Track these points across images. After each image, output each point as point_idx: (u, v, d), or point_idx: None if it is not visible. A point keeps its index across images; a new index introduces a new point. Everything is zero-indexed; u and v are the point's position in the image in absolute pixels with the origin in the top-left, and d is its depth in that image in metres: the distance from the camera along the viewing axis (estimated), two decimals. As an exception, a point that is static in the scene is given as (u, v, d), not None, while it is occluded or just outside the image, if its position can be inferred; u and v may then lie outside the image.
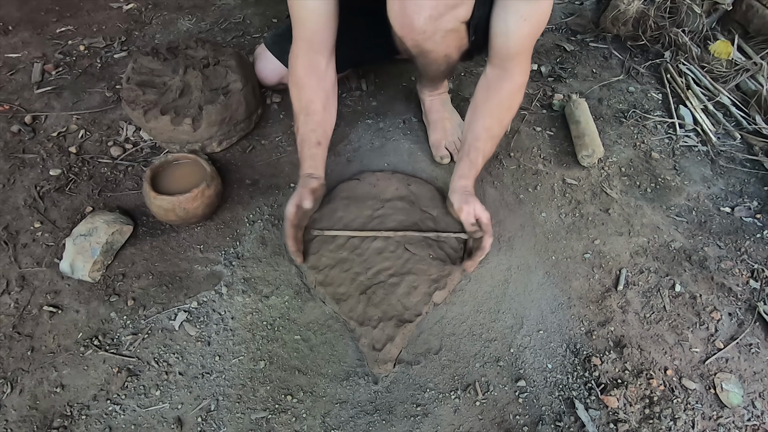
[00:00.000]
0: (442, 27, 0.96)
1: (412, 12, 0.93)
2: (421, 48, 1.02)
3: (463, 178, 1.08)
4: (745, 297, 1.11)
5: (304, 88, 1.05)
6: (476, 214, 1.05)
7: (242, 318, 1.03)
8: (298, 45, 1.04)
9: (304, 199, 1.03)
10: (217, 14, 1.74)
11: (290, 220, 1.02)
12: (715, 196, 1.30)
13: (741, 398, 0.98)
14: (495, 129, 1.07)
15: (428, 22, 0.94)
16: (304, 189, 1.04)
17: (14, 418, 0.90)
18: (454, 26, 0.96)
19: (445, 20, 0.94)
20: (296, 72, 1.05)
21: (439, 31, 0.96)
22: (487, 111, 1.06)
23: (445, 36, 0.98)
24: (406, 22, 0.95)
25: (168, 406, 0.93)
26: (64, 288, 1.06)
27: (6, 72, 1.47)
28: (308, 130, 1.06)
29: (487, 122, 1.06)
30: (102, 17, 1.69)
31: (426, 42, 0.99)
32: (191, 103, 1.22)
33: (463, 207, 1.06)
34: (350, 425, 0.92)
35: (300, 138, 1.07)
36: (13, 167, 1.24)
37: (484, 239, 1.04)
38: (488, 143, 1.07)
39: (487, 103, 1.06)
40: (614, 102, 1.53)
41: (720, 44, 1.61)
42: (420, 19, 0.94)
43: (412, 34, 0.98)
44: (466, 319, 1.05)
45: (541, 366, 1.00)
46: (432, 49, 1.02)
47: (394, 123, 1.39)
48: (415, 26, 0.95)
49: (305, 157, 1.07)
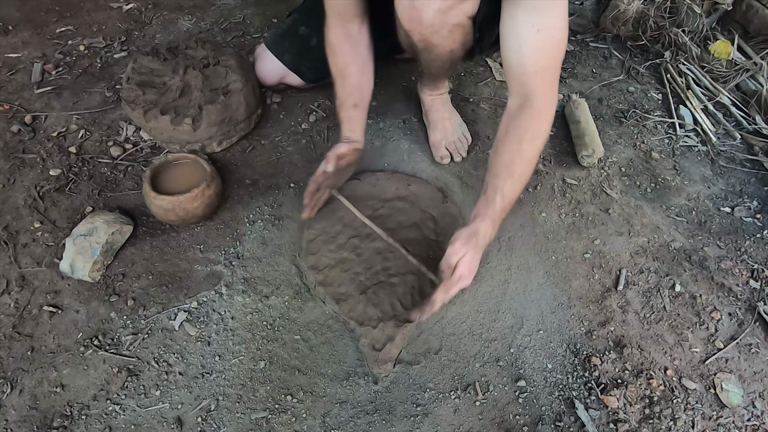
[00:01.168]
0: (449, 21, 0.96)
1: (422, 5, 0.94)
2: (428, 42, 1.02)
3: (477, 218, 0.91)
4: (745, 297, 1.11)
5: (339, 54, 1.07)
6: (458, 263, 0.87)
7: (242, 318, 1.03)
8: (331, 16, 1.06)
9: (329, 162, 1.03)
10: (217, 14, 1.73)
11: (314, 177, 1.05)
12: (715, 196, 1.30)
13: (741, 398, 0.98)
14: (516, 165, 0.91)
15: (436, 15, 0.94)
16: (332, 152, 1.04)
17: (14, 418, 0.90)
18: (460, 20, 0.96)
19: (452, 14, 0.94)
20: (330, 40, 1.08)
21: (446, 25, 0.97)
22: (507, 144, 0.91)
23: (452, 30, 0.98)
24: (415, 15, 0.96)
25: (168, 406, 0.93)
26: (64, 288, 1.06)
27: (6, 72, 1.47)
28: (345, 93, 1.08)
29: (506, 157, 0.91)
30: (102, 17, 1.68)
31: (433, 36, 0.99)
32: (191, 103, 1.22)
33: (455, 245, 0.88)
34: (350, 425, 0.92)
35: (338, 101, 1.09)
36: (13, 167, 1.24)
37: (437, 290, 0.89)
38: (507, 180, 0.90)
39: (506, 136, 0.92)
40: (614, 102, 1.53)
41: (720, 44, 1.61)
42: (429, 12, 0.94)
43: (419, 27, 0.98)
44: (466, 319, 1.05)
45: (541, 366, 1.00)
46: (438, 43, 1.02)
47: (394, 123, 1.39)
48: (424, 20, 0.96)
49: (343, 120, 1.08)
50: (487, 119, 1.43)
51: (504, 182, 0.90)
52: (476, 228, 0.90)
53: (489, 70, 1.57)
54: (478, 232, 0.89)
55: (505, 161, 0.91)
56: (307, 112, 1.41)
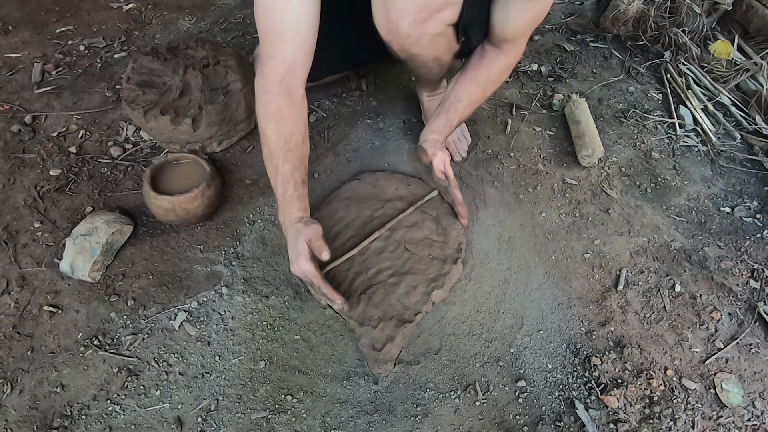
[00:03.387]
0: (428, 31, 0.93)
1: (396, 17, 0.90)
2: (409, 52, 1.00)
3: (436, 132, 1.08)
4: (745, 297, 1.11)
5: (285, 120, 0.93)
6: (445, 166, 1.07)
7: (242, 318, 1.03)
8: (273, 68, 0.90)
9: (322, 250, 0.90)
10: (217, 14, 1.73)
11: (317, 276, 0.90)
12: (715, 196, 1.30)
13: (741, 398, 0.97)
14: (477, 96, 1.08)
15: (413, 26, 0.91)
16: (314, 237, 0.90)
17: (14, 418, 0.90)
18: (440, 30, 0.94)
19: (430, 24, 0.92)
20: (273, 102, 0.91)
21: (425, 35, 0.94)
22: (474, 78, 1.06)
23: (432, 40, 0.96)
24: (391, 26, 0.93)
25: (168, 406, 0.93)
26: (64, 288, 1.06)
27: (6, 72, 1.47)
28: (291, 168, 0.93)
29: (472, 88, 1.07)
30: (102, 17, 1.68)
31: (412, 46, 0.97)
32: (191, 103, 1.22)
33: (438, 153, 1.05)
34: (350, 425, 0.92)
35: (281, 179, 0.93)
36: (13, 167, 1.24)
37: (454, 190, 1.08)
38: (468, 108, 1.09)
39: (476, 72, 1.06)
40: (614, 102, 1.53)
41: (720, 44, 1.61)
42: (404, 23, 0.91)
43: (397, 38, 0.95)
44: (466, 319, 1.05)
45: (541, 366, 1.00)
46: (419, 53, 1.00)
47: (394, 123, 1.39)
48: (400, 31, 0.93)
49: (292, 199, 0.93)
50: (487, 119, 1.43)
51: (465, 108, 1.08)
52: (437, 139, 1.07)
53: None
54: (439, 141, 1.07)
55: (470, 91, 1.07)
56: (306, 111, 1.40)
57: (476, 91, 1.08)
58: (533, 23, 0.99)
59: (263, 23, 0.89)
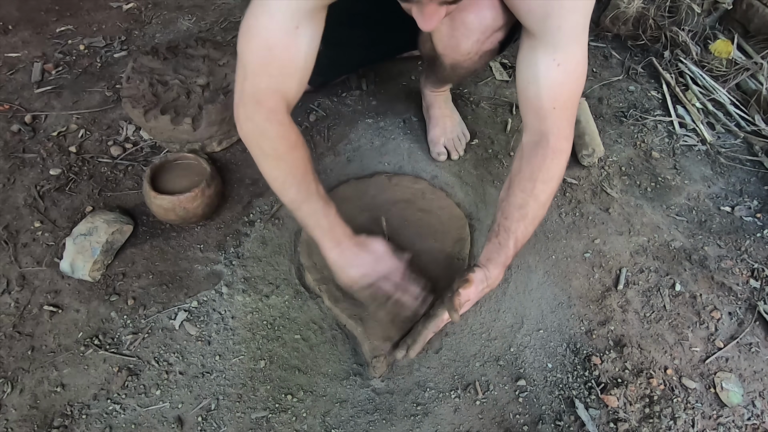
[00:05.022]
0: (485, 48, 0.95)
1: (462, 35, 0.92)
2: (459, 65, 1.00)
3: (491, 263, 0.89)
4: (745, 296, 1.11)
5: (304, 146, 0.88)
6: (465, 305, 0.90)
7: (242, 317, 1.03)
8: (278, 101, 0.83)
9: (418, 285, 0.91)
10: (217, 13, 1.73)
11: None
12: (715, 196, 1.30)
13: (741, 397, 0.98)
14: (530, 207, 0.87)
15: (474, 45, 0.93)
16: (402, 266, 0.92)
17: (14, 417, 0.90)
18: (493, 47, 0.96)
19: (488, 42, 0.94)
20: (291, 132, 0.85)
21: (481, 52, 0.96)
22: (519, 185, 0.88)
23: (483, 55, 0.98)
24: (453, 44, 0.94)
25: (168, 406, 0.93)
26: (64, 287, 1.06)
27: (6, 72, 1.47)
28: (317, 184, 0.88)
29: (519, 198, 0.88)
30: (102, 17, 1.68)
31: (465, 61, 0.98)
32: (191, 102, 1.22)
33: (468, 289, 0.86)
34: (350, 424, 0.92)
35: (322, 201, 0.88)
36: (13, 167, 1.24)
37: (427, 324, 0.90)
38: (520, 223, 0.88)
39: (519, 176, 0.89)
40: (614, 101, 1.53)
41: (720, 43, 1.61)
42: (468, 42, 0.93)
43: (455, 54, 0.97)
44: (466, 318, 1.05)
45: (541, 365, 1.00)
46: (469, 66, 1.01)
47: (394, 122, 1.39)
48: (462, 49, 0.94)
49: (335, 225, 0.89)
50: (487, 118, 1.42)
51: (517, 225, 0.88)
52: (489, 274, 0.89)
53: (489, 70, 1.57)
54: (490, 278, 0.89)
55: (518, 202, 0.88)
56: (307, 111, 1.40)
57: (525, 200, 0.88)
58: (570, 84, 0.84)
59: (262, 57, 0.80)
